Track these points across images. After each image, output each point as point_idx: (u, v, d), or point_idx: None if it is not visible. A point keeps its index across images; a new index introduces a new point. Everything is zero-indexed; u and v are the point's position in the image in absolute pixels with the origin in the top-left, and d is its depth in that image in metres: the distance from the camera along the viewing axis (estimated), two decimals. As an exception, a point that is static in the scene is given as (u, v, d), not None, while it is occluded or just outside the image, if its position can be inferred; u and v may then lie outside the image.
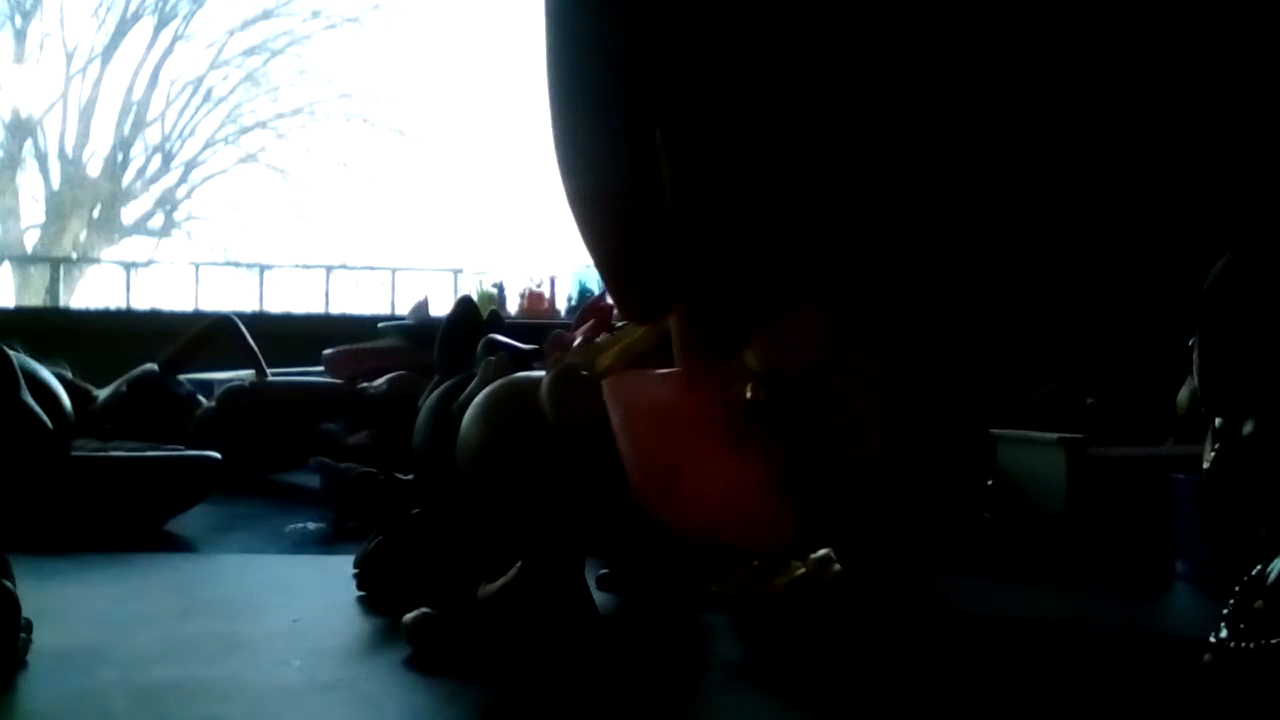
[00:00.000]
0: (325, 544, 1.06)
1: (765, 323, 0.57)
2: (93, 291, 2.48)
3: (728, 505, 0.56)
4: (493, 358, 0.77)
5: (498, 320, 0.99)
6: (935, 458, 0.65)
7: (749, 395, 0.55)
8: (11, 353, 0.68)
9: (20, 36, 2.44)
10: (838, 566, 0.64)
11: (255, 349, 1.64)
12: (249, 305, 2.38)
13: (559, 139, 0.59)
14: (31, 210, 2.47)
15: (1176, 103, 0.65)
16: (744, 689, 0.63)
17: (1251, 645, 0.55)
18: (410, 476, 1.01)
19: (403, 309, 2.24)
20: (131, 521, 1.10)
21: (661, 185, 0.57)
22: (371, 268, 2.49)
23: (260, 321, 1.98)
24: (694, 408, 0.56)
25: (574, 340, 0.78)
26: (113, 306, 2.36)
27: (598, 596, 0.72)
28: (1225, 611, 0.58)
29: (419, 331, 1.61)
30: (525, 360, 0.88)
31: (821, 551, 0.67)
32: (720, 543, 0.57)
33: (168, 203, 2.51)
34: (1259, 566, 0.58)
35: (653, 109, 0.57)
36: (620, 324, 0.77)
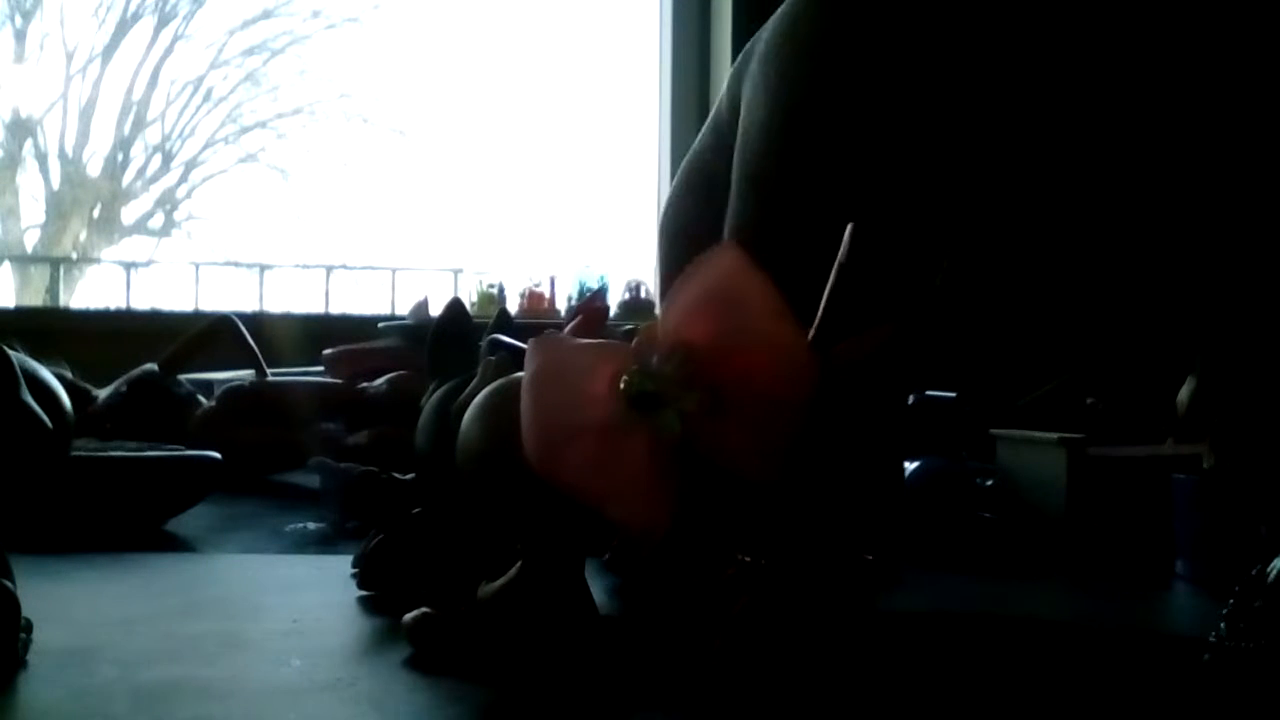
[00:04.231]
0: (325, 544, 1.06)
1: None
2: (93, 291, 2.47)
3: (612, 477, 0.54)
4: (493, 357, 0.77)
5: (507, 319, 0.94)
6: (840, 472, 0.63)
7: (622, 384, 0.54)
8: (11, 353, 0.68)
9: (20, 36, 2.44)
10: (747, 559, 0.63)
11: (255, 349, 1.63)
12: (249, 305, 2.37)
13: None
14: (31, 210, 2.46)
15: (1178, 106, 0.65)
16: (742, 690, 0.63)
17: (1251, 645, 0.55)
18: (410, 476, 1.01)
19: (403, 309, 2.24)
20: (131, 521, 1.10)
21: None
22: (371, 268, 2.48)
23: (260, 321, 1.97)
24: (610, 377, 0.54)
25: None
26: (113, 306, 2.35)
27: (598, 596, 0.72)
28: (1225, 611, 0.58)
29: (419, 331, 1.61)
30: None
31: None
32: (604, 514, 0.55)
33: (168, 203, 2.51)
34: (1259, 566, 0.58)
35: None
36: (621, 325, 0.76)
